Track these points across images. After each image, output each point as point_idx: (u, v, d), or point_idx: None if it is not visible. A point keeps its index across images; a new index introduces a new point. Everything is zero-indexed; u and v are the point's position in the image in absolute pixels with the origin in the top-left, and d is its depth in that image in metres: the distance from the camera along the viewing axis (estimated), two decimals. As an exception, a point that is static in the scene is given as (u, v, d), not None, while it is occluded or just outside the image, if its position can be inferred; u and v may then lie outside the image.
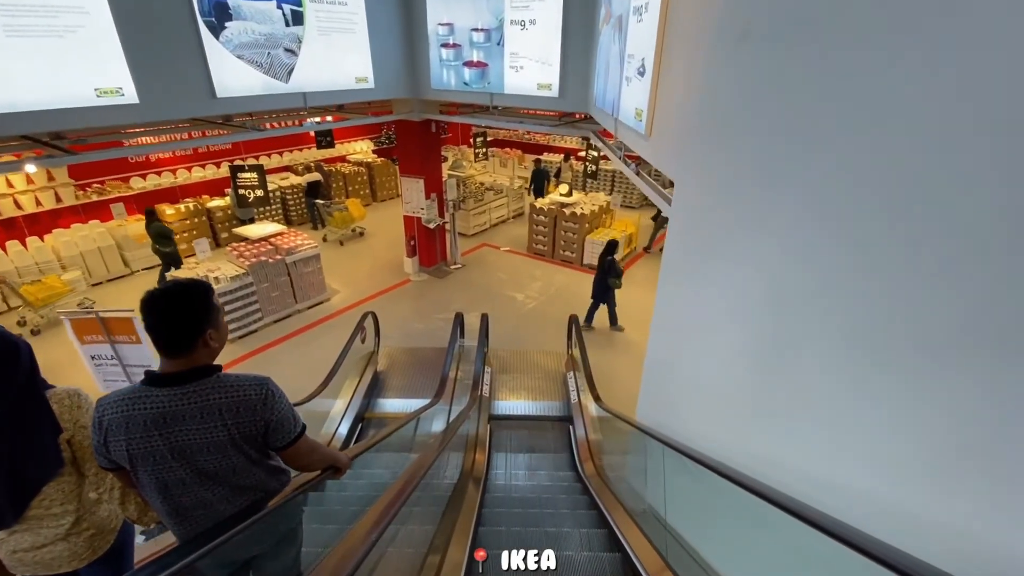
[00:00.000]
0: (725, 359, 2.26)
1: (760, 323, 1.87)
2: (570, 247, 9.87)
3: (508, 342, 7.27)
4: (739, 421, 2.06)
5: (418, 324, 7.88)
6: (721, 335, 2.34)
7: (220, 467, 1.51)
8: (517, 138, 16.44)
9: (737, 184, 2.14)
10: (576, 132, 6.90)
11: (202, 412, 1.45)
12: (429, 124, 8.43)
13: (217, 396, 1.47)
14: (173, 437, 1.44)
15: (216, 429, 1.46)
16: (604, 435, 4.92)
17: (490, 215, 11.73)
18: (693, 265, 2.92)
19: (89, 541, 1.80)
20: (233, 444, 1.50)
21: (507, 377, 6.28)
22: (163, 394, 1.44)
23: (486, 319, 6.21)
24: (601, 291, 7.46)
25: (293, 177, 12.16)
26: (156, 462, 1.45)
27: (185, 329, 1.46)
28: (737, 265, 2.13)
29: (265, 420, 1.52)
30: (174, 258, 8.11)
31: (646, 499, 3.29)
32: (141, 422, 1.42)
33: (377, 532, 1.52)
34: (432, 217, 8.98)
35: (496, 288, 9.04)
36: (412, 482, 2.07)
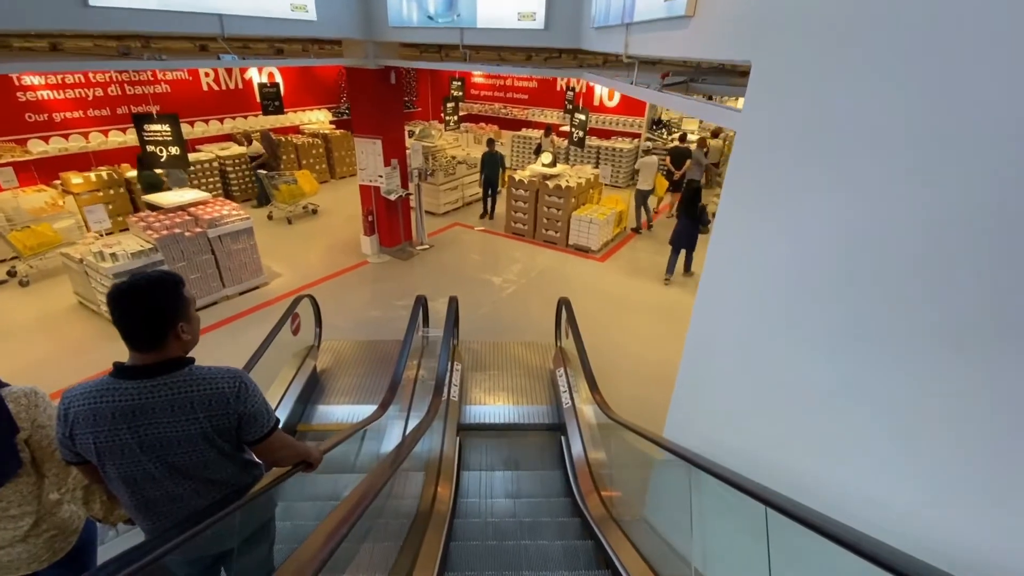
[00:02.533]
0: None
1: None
2: (553, 226, 8.66)
3: (483, 332, 6.03)
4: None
5: (375, 312, 6.55)
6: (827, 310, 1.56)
7: (191, 461, 1.48)
8: (493, 112, 15.12)
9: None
10: (566, 72, 5.64)
11: (173, 405, 1.42)
12: (387, 73, 7.06)
13: (189, 389, 1.43)
14: (142, 431, 1.41)
15: (188, 423, 1.44)
16: (611, 451, 3.74)
17: (463, 192, 10.42)
18: (785, 198, 1.76)
19: (49, 543, 1.76)
20: (205, 438, 1.47)
21: (481, 376, 5.04)
22: (132, 387, 1.41)
23: (455, 304, 4.95)
24: (688, 237, 7.26)
25: (236, 147, 10.58)
26: (124, 456, 1.42)
27: (155, 324, 1.42)
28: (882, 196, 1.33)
29: (238, 413, 1.50)
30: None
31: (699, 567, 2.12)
32: (108, 415, 1.39)
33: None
34: (393, 188, 7.63)
35: (469, 271, 7.77)
36: (331, 541, 1.47)
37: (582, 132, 8.62)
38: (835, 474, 1.63)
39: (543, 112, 14.16)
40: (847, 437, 1.58)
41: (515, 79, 14.48)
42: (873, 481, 1.48)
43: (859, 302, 1.49)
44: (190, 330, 1.51)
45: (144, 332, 1.41)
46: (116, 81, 9.26)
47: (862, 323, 1.48)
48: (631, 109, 12.90)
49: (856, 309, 1.50)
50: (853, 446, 1.56)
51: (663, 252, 8.70)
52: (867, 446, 1.51)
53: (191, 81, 10.35)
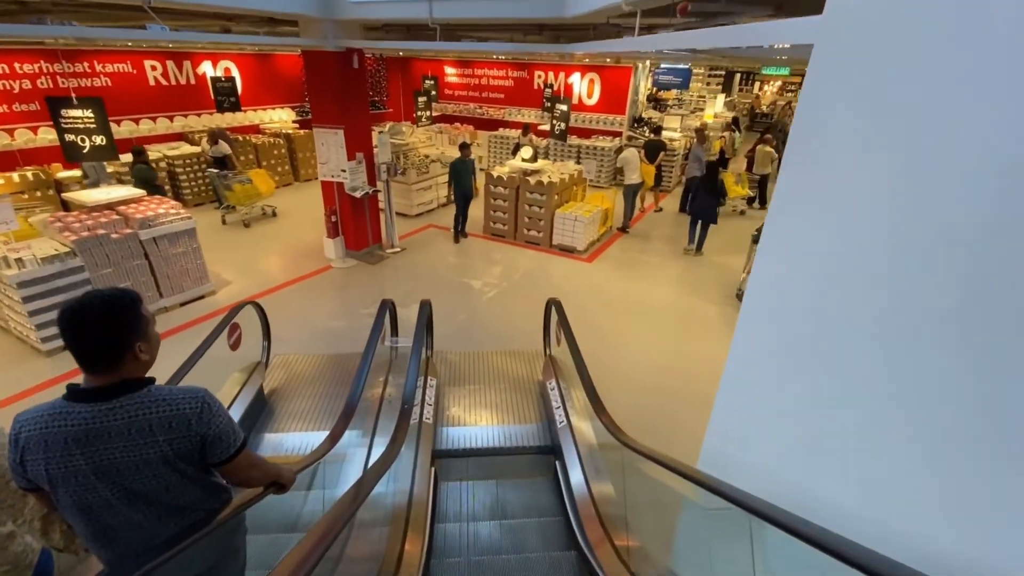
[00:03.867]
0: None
1: None
2: (536, 225, 8.03)
3: (461, 341, 5.33)
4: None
5: (337, 321, 5.78)
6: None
7: (151, 486, 1.41)
8: (468, 113, 14.51)
9: None
10: (553, 47, 5.02)
11: (130, 429, 1.35)
12: (349, 57, 6.36)
13: (147, 411, 1.37)
14: (97, 456, 1.34)
15: (146, 446, 1.36)
16: (619, 479, 3.07)
17: (437, 192, 9.72)
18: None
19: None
20: (166, 462, 1.40)
21: (460, 391, 4.32)
22: (86, 410, 1.34)
23: (427, 309, 4.23)
24: (709, 208, 7.56)
25: (187, 147, 9.68)
26: (78, 482, 1.35)
27: (111, 345, 1.34)
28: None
29: (201, 435, 1.43)
30: None
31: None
32: (61, 440, 1.32)
33: None
34: (359, 184, 6.89)
35: (446, 275, 7.06)
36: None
37: (564, 124, 8.07)
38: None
39: (520, 111, 13.62)
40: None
41: (491, 78, 13.92)
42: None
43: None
44: (148, 350, 1.42)
45: (100, 353, 1.34)
46: (47, 73, 8.32)
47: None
48: (611, 107, 12.46)
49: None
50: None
51: (653, 251, 8.17)
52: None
53: (136, 75, 9.45)
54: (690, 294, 6.66)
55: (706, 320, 6.09)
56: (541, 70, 13.04)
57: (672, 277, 7.21)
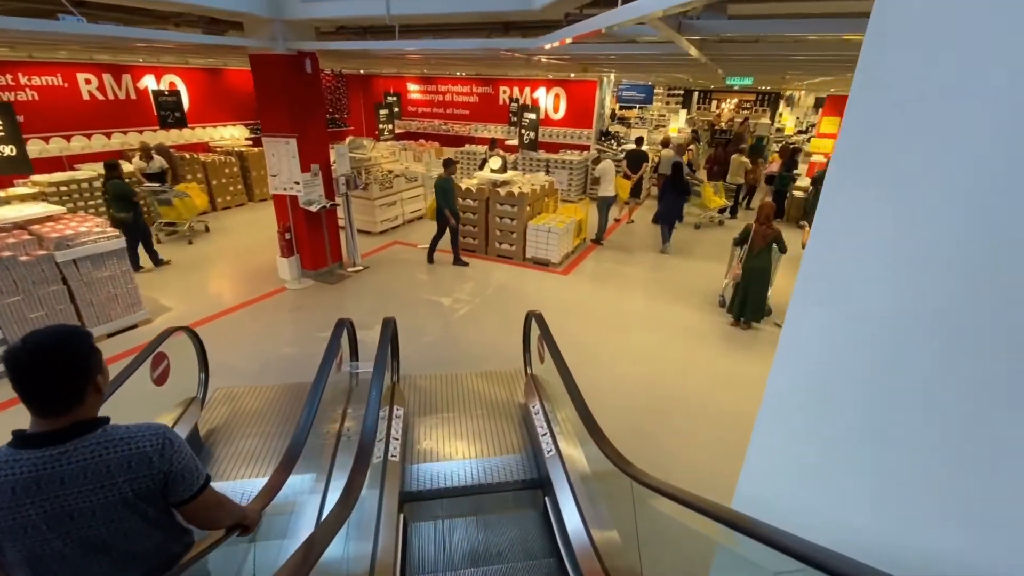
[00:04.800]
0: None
1: None
2: (507, 238, 7.63)
3: (432, 363, 4.82)
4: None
5: (291, 348, 5.17)
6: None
7: (109, 533, 1.32)
8: (433, 129, 14.17)
9: None
10: (523, 43, 4.67)
11: (86, 472, 1.26)
12: (301, 61, 5.90)
13: (105, 452, 1.28)
14: (49, 504, 1.25)
15: (104, 490, 1.28)
16: (619, 514, 2.62)
17: (403, 208, 9.24)
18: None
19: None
20: (126, 504, 1.31)
21: (431, 421, 3.79)
22: (35, 456, 1.24)
23: (391, 328, 3.71)
24: (677, 207, 7.94)
25: (127, 165, 8.90)
26: (28, 535, 1.25)
27: (71, 384, 1.25)
28: None
29: (163, 472, 1.35)
30: (138, 229, 6.48)
31: None
32: (8, 490, 1.22)
33: None
34: (315, 198, 6.36)
35: (413, 292, 6.54)
36: None
37: (533, 133, 7.78)
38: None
39: (487, 127, 13.37)
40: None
41: (455, 94, 13.67)
42: None
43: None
44: (105, 382, 1.35)
45: (59, 394, 1.24)
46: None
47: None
48: (578, 121, 12.36)
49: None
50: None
51: (630, 262, 7.90)
52: None
53: (67, 88, 8.70)
54: (672, 302, 6.35)
55: (691, 328, 5.78)
56: (506, 85, 12.87)
57: (652, 286, 6.91)
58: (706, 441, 3.95)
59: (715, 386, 4.65)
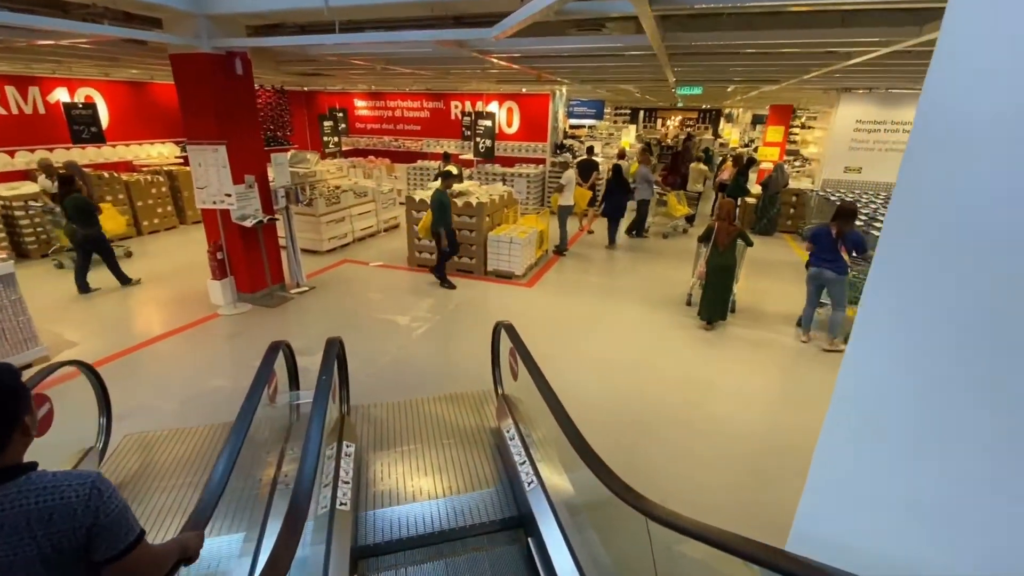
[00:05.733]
0: None
1: None
2: (467, 251, 7.19)
3: (388, 389, 4.26)
4: None
5: (220, 380, 4.48)
6: None
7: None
8: (383, 146, 13.65)
9: None
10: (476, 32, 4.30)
11: (2, 525, 1.12)
12: (230, 61, 5.34)
13: (25, 502, 1.14)
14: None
15: (21, 545, 1.13)
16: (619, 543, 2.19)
17: (352, 225, 8.64)
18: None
19: None
20: (44, 562, 1.15)
21: (389, 457, 3.24)
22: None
23: (336, 348, 3.15)
24: (620, 205, 8.38)
25: (29, 185, 7.90)
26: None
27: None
28: None
29: (87, 526, 1.16)
30: (99, 244, 6.15)
31: None
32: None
33: None
34: (250, 213, 5.72)
35: (366, 312, 5.96)
36: None
37: (489, 141, 7.45)
38: None
39: (439, 142, 13.00)
40: None
41: (405, 109, 13.26)
42: None
43: None
44: (33, 424, 1.22)
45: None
46: None
47: None
48: (532, 135, 12.19)
49: None
50: None
51: (595, 271, 7.66)
52: None
53: (-42, 101, 7.66)
54: (641, 308, 6.08)
55: (662, 329, 5.57)
56: (458, 100, 12.60)
57: (619, 293, 6.64)
58: (686, 451, 3.59)
59: (691, 391, 4.33)
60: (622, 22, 4.38)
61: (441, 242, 6.52)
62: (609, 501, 2.20)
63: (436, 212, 6.39)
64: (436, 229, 6.45)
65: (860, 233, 5.20)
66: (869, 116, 9.54)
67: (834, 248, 4.90)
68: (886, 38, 3.82)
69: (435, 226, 6.44)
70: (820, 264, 5.04)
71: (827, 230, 4.96)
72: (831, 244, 4.92)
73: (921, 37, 3.64)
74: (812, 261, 5.12)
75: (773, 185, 9.60)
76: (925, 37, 3.63)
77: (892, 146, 9.55)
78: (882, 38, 3.84)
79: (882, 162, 9.68)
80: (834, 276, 4.96)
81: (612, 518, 2.93)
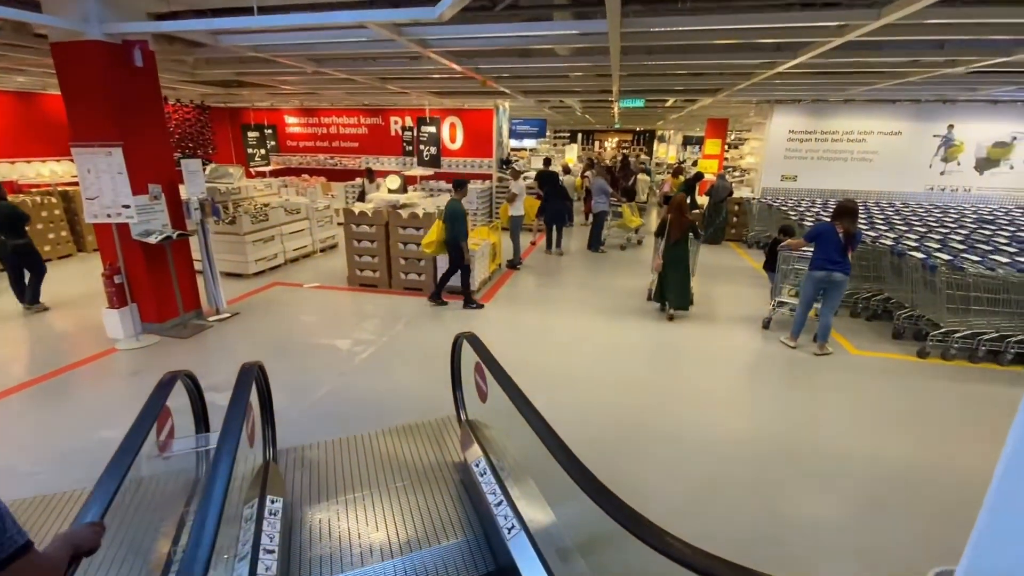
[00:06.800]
0: None
1: None
2: (414, 266, 6.60)
3: (327, 425, 3.59)
4: None
5: (113, 432, 3.60)
6: None
7: None
8: (318, 164, 12.84)
9: None
10: (413, 12, 3.82)
11: None
12: (127, 51, 4.59)
13: None
14: None
15: None
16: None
17: (283, 245, 7.82)
18: None
19: None
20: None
21: (328, 510, 2.58)
22: None
23: (251, 377, 2.48)
24: (561, 211, 8.74)
25: None
26: None
27: None
28: None
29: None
30: (30, 257, 5.67)
31: None
32: None
33: None
34: (156, 228, 4.89)
35: (300, 337, 5.21)
36: None
37: (434, 148, 6.98)
38: None
39: (379, 159, 12.38)
40: None
41: (340, 126, 12.57)
42: None
43: None
44: None
45: None
46: None
47: None
48: (477, 150, 11.86)
49: None
50: None
51: (551, 284, 7.31)
52: None
53: None
54: (601, 317, 5.73)
55: (628, 329, 5.33)
56: (397, 115, 12.09)
57: (579, 305, 6.28)
58: (671, 460, 3.18)
59: (660, 393, 3.97)
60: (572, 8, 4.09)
61: (464, 256, 5.88)
62: (609, 540, 1.70)
63: (451, 223, 5.74)
64: (456, 241, 5.78)
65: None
66: (800, 126, 9.95)
67: (843, 249, 4.61)
68: (845, 22, 3.74)
69: (453, 238, 5.77)
70: (828, 267, 4.66)
71: (833, 229, 4.63)
72: (839, 245, 4.61)
73: (880, 21, 3.57)
74: (817, 263, 4.72)
75: (717, 194, 9.74)
76: (883, 21, 3.57)
77: (823, 154, 9.99)
78: (841, 22, 3.76)
79: (815, 170, 10.09)
80: (842, 278, 4.65)
81: (613, 562, 2.42)
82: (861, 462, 3.30)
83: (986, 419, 3.82)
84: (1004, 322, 4.66)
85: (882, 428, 3.70)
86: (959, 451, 3.44)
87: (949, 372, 4.57)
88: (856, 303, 5.99)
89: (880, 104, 9.48)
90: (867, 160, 9.83)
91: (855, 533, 2.73)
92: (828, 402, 4.10)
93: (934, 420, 3.84)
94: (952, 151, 9.56)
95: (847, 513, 2.90)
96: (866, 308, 5.92)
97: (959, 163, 9.59)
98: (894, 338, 5.30)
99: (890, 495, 3.02)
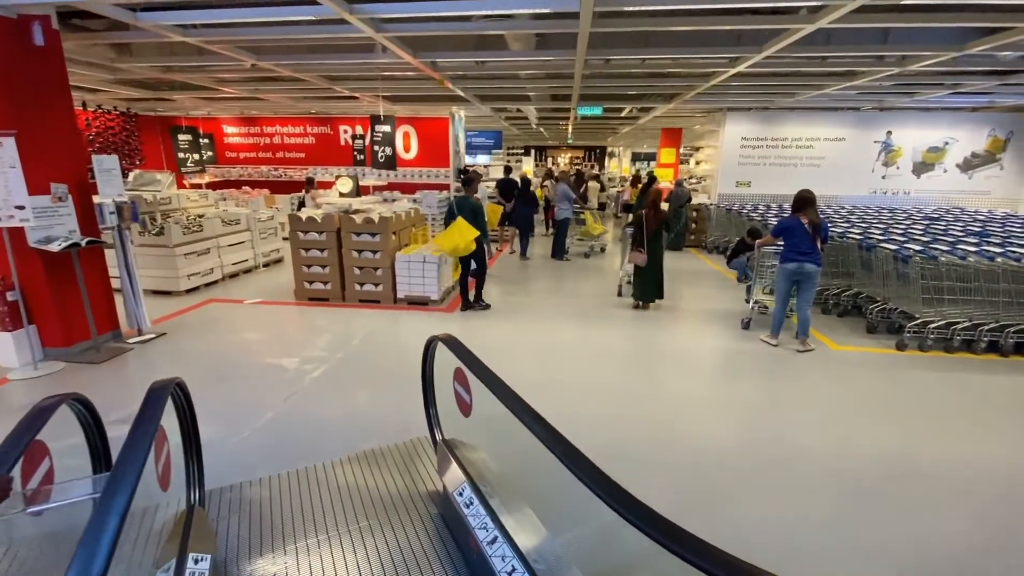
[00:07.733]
0: None
1: None
2: (370, 276, 6.05)
3: (270, 457, 3.00)
4: None
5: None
6: None
7: None
8: (261, 176, 12.03)
9: None
10: None
11: None
12: (24, 27, 3.92)
13: None
14: None
15: None
16: None
17: (221, 259, 7.05)
18: None
19: None
20: None
21: (273, 564, 2.03)
22: None
23: (164, 397, 1.93)
24: (528, 217, 8.73)
25: None
26: None
27: None
28: None
29: None
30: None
31: None
32: None
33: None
34: (60, 234, 4.15)
35: (241, 357, 4.55)
36: None
37: (389, 148, 6.53)
38: None
39: (327, 170, 11.73)
40: None
41: (285, 136, 11.86)
42: None
43: None
44: None
45: None
46: None
47: None
48: (433, 160, 11.48)
49: None
50: None
51: (519, 292, 6.96)
52: None
53: None
54: (571, 322, 5.40)
55: (604, 327, 5.02)
56: (347, 124, 11.54)
57: (549, 307, 5.99)
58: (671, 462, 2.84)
59: (648, 398, 3.65)
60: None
61: (486, 256, 5.72)
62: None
63: (472, 220, 5.48)
64: (479, 240, 5.53)
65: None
66: (752, 133, 10.18)
67: (812, 240, 4.54)
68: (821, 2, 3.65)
69: (480, 235, 5.53)
70: (798, 259, 4.60)
71: (799, 222, 4.57)
72: (807, 236, 4.54)
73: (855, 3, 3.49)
74: (787, 256, 4.65)
75: (676, 200, 9.77)
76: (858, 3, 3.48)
77: (775, 161, 10.25)
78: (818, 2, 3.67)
79: (767, 176, 10.33)
80: (814, 269, 4.57)
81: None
82: (894, 458, 3.07)
83: (1000, 411, 3.72)
84: (976, 310, 4.67)
85: (884, 421, 3.51)
86: (984, 448, 3.28)
87: (929, 363, 4.52)
88: (827, 300, 5.96)
89: (824, 112, 9.86)
90: (816, 166, 10.17)
91: (878, 528, 2.46)
92: (825, 397, 3.91)
93: (936, 412, 3.70)
94: (891, 156, 10.04)
95: (885, 520, 2.62)
96: (836, 304, 5.90)
97: (898, 167, 10.08)
98: (868, 333, 5.25)
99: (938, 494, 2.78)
